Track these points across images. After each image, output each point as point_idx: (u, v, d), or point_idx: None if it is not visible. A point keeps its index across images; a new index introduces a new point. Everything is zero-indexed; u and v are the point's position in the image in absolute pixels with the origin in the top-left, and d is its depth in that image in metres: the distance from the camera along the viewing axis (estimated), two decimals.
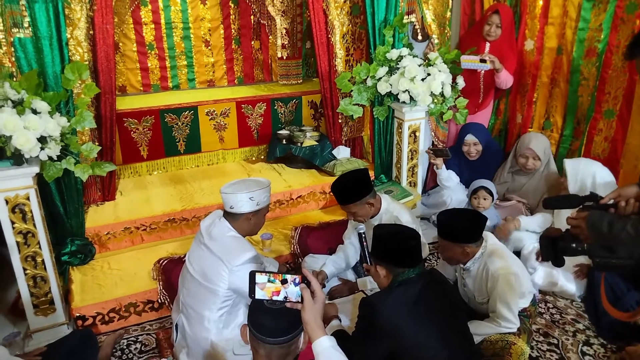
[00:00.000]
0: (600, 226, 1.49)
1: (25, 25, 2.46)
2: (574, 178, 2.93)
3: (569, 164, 3.00)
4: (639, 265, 1.54)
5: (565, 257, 1.74)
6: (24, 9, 2.44)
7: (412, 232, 1.95)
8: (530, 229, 3.15)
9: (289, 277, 1.43)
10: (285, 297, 1.43)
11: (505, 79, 3.58)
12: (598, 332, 2.70)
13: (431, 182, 3.99)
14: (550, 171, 3.38)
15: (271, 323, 1.46)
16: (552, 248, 1.71)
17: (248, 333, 1.53)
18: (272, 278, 1.44)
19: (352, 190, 2.53)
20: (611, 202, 1.67)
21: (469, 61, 3.38)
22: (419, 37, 3.53)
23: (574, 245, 1.64)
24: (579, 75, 3.44)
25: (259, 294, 1.44)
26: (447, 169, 3.53)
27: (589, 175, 2.91)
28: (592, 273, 2.83)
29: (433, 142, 3.77)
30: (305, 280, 1.44)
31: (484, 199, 3.25)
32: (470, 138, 3.59)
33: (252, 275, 1.44)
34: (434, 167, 3.58)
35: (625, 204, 1.63)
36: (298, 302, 1.42)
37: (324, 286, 2.72)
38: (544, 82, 3.72)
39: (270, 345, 1.46)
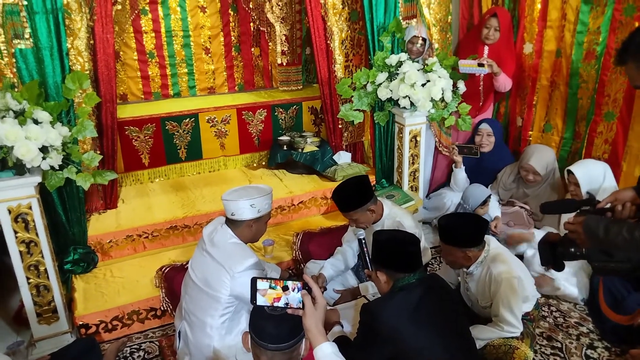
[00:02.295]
0: (597, 231, 1.49)
1: (26, 36, 2.49)
2: (586, 181, 2.88)
3: (577, 171, 2.91)
4: (636, 269, 1.54)
5: (565, 262, 1.74)
6: (24, 20, 2.47)
7: (411, 237, 1.96)
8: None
9: (290, 283, 1.44)
10: (287, 304, 1.44)
11: (504, 83, 3.59)
12: (602, 335, 2.69)
13: (434, 184, 3.99)
14: (556, 180, 3.37)
15: (273, 329, 1.46)
16: (551, 253, 1.72)
17: (249, 340, 1.54)
18: (273, 284, 1.44)
19: (352, 197, 2.53)
20: (608, 206, 1.68)
21: (467, 65, 3.39)
22: (413, 55, 3.51)
23: (572, 249, 1.64)
24: (579, 78, 3.45)
25: (260, 301, 1.44)
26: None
27: (599, 174, 2.90)
28: (592, 277, 2.83)
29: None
30: (306, 287, 1.44)
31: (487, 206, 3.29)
32: (484, 127, 3.60)
33: (253, 281, 1.44)
34: (453, 165, 3.58)
35: (621, 207, 1.64)
36: (299, 308, 1.43)
37: (324, 289, 2.73)
38: (543, 85, 3.72)
39: (272, 352, 1.46)
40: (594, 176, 2.89)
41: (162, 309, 2.82)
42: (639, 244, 1.40)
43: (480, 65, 3.35)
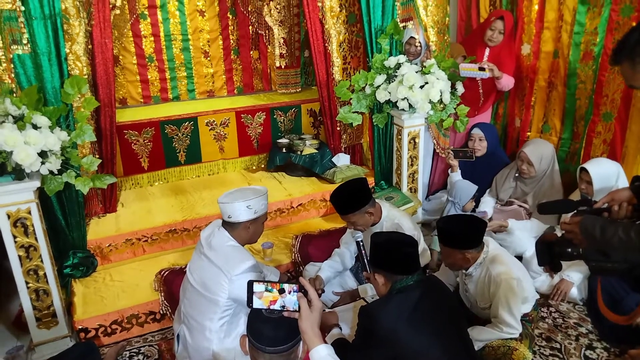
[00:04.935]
0: (593, 231, 1.49)
1: (24, 41, 2.49)
2: (599, 180, 2.86)
3: (592, 169, 2.89)
4: (634, 268, 1.54)
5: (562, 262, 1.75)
6: (22, 26, 2.47)
7: (408, 239, 1.96)
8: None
9: (286, 286, 1.44)
10: (283, 306, 1.44)
11: (507, 83, 3.59)
12: (601, 335, 2.69)
13: (434, 186, 3.99)
14: (554, 180, 3.37)
15: (270, 332, 1.47)
16: (548, 253, 1.72)
17: (247, 343, 1.54)
18: (269, 287, 1.45)
19: (350, 200, 2.53)
20: (605, 206, 1.68)
21: (468, 69, 3.39)
22: (411, 56, 3.51)
23: (569, 249, 1.65)
24: (576, 78, 3.45)
25: (257, 303, 1.45)
26: None
27: (613, 174, 2.88)
28: (591, 277, 2.83)
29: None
30: (302, 289, 1.45)
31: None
32: (476, 132, 3.61)
33: (250, 284, 1.45)
34: (449, 169, 3.59)
35: (618, 208, 1.64)
36: (295, 311, 1.43)
37: (323, 291, 2.72)
38: (541, 86, 3.73)
39: (270, 355, 1.47)
40: (607, 176, 2.87)
41: (161, 312, 2.83)
42: (635, 244, 1.40)
43: (481, 69, 3.36)
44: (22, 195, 2.36)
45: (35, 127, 2.33)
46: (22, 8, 2.45)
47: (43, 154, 2.33)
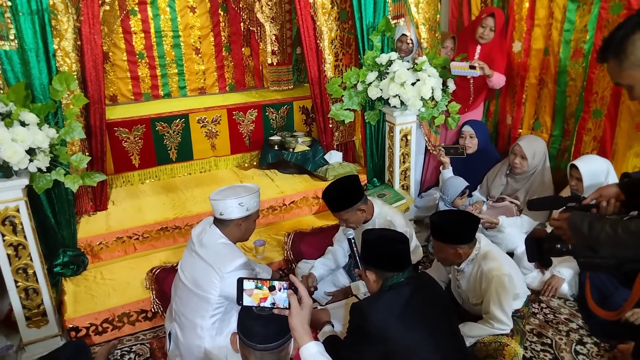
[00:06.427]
0: (581, 227, 1.50)
1: (11, 37, 2.45)
2: (589, 177, 2.88)
3: (581, 165, 2.90)
4: (621, 264, 1.55)
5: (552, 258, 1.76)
6: (9, 21, 2.43)
7: (400, 236, 1.96)
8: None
9: (276, 283, 1.44)
10: (273, 304, 1.44)
11: (498, 81, 3.61)
12: (591, 331, 2.71)
13: (426, 183, 4.00)
14: (545, 177, 3.39)
15: (261, 329, 1.47)
16: (538, 249, 1.73)
17: (238, 340, 1.54)
18: (259, 284, 1.44)
19: (342, 197, 2.53)
20: (593, 202, 1.69)
21: (458, 67, 3.40)
22: (403, 53, 3.52)
23: (558, 246, 1.66)
24: (566, 75, 3.47)
25: (247, 301, 1.44)
26: None
27: (602, 171, 2.89)
28: (581, 273, 2.85)
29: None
30: (292, 287, 1.44)
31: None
32: (467, 129, 3.63)
33: (239, 282, 1.44)
34: (441, 166, 3.60)
35: (606, 204, 1.65)
36: (286, 308, 1.43)
37: (315, 289, 2.72)
38: (532, 83, 3.74)
39: (260, 352, 1.47)
40: (597, 172, 2.89)
41: (152, 310, 2.81)
42: (622, 240, 1.41)
43: (472, 67, 3.37)
44: (10, 193, 2.34)
45: (23, 124, 2.31)
46: (9, 3, 2.41)
47: (31, 152, 2.31)
